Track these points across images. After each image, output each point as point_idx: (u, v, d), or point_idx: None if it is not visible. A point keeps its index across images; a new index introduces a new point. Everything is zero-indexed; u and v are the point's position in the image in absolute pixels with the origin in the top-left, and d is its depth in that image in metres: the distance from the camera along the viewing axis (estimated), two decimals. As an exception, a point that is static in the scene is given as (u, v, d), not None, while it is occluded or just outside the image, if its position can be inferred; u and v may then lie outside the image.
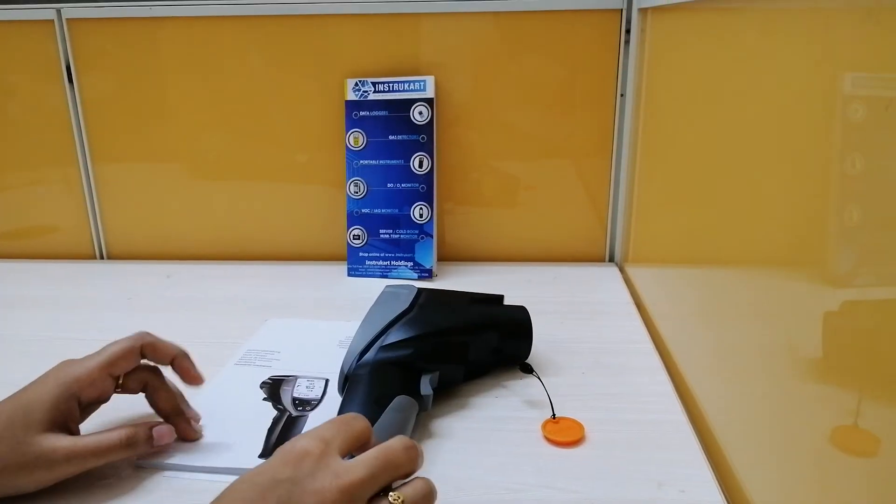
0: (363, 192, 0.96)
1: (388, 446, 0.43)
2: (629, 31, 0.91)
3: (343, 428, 0.44)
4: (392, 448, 0.43)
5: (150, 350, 0.56)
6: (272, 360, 0.72)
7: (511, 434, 0.59)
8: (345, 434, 0.43)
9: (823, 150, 0.40)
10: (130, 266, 1.03)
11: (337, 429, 0.43)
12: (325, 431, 0.43)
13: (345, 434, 0.43)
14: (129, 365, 0.55)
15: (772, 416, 0.47)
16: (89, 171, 1.03)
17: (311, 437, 0.42)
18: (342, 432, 0.43)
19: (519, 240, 1.01)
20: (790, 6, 0.47)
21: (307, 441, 0.41)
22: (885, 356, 0.34)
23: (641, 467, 0.54)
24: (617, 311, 0.84)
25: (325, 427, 0.44)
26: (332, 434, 0.43)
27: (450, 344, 0.64)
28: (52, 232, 1.07)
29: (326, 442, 0.42)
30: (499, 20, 0.93)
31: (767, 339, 0.48)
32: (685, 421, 0.61)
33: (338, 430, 0.43)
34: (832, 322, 0.39)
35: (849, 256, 0.38)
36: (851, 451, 0.37)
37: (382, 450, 0.42)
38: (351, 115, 0.95)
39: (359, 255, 0.97)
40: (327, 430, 0.43)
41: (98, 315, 0.85)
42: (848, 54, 0.38)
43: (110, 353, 0.54)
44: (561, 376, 0.68)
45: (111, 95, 1.00)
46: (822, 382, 0.41)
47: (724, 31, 0.59)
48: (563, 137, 0.97)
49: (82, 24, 0.97)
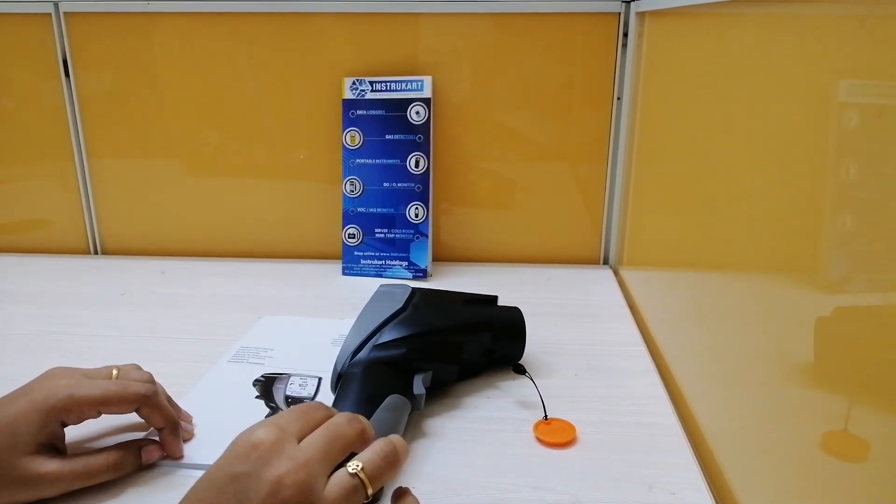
0: (359, 190, 0.96)
1: (332, 421, 0.43)
2: (626, 34, 0.91)
3: (301, 415, 0.43)
4: (336, 423, 0.43)
5: (147, 413, 0.53)
6: (265, 357, 0.72)
7: (503, 435, 0.59)
8: (303, 422, 0.42)
9: (817, 156, 0.41)
10: (124, 262, 1.03)
11: (296, 416, 0.43)
12: (282, 419, 0.42)
13: (303, 422, 0.42)
14: (120, 412, 0.53)
15: (763, 420, 0.48)
16: (84, 166, 1.03)
17: (267, 424, 0.41)
18: (300, 419, 0.42)
19: (514, 241, 1.02)
20: (786, 13, 0.47)
21: (262, 430, 0.40)
22: (876, 362, 0.34)
23: (632, 469, 0.54)
24: (610, 314, 0.84)
25: (283, 414, 0.43)
26: (288, 421, 0.42)
27: (443, 344, 0.64)
28: (46, 226, 1.07)
29: (282, 429, 0.40)
30: (497, 21, 0.93)
31: (760, 344, 0.48)
32: (677, 424, 0.61)
33: (296, 418, 0.42)
34: (824, 327, 0.40)
35: (842, 262, 0.38)
36: (842, 455, 0.37)
37: (327, 425, 0.42)
38: (348, 113, 0.95)
39: (354, 254, 0.97)
40: (284, 418, 0.42)
41: (91, 310, 0.85)
42: (842, 62, 0.39)
43: (109, 394, 0.51)
44: (553, 378, 0.68)
45: (107, 90, 0.99)
46: (813, 387, 0.41)
47: (721, 36, 0.59)
48: (559, 140, 0.97)
49: (80, 18, 0.96)
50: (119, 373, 0.55)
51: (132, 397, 0.52)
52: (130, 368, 0.56)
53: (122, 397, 0.52)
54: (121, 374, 0.55)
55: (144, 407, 0.53)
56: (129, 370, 0.56)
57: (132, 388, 0.53)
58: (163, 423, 0.54)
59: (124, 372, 0.55)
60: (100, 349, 0.74)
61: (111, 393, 0.52)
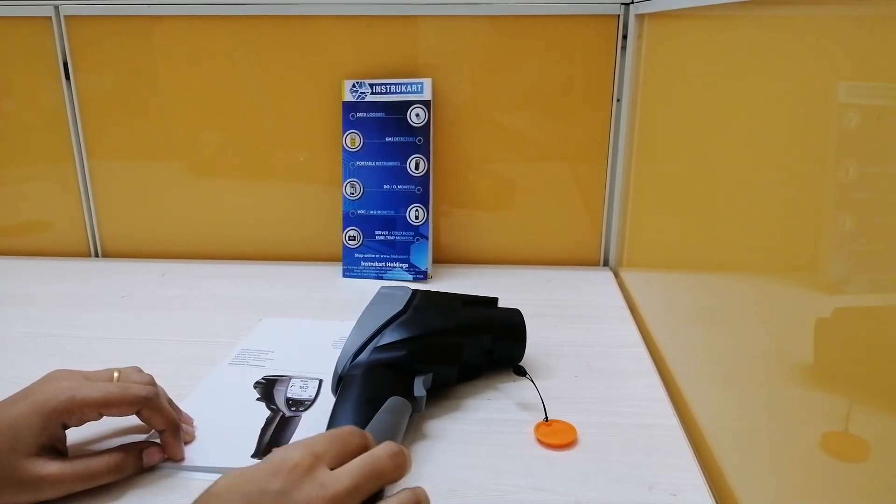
0: (359, 193, 0.96)
1: (374, 454, 0.43)
2: (626, 36, 0.91)
3: (336, 443, 0.43)
4: (378, 455, 0.43)
5: (148, 415, 0.53)
6: (266, 359, 0.72)
7: (503, 436, 0.59)
8: (337, 449, 0.43)
9: (817, 157, 0.41)
10: (125, 264, 1.03)
11: (330, 443, 0.43)
12: (318, 445, 0.42)
13: (337, 449, 0.43)
14: (121, 414, 0.53)
15: (763, 421, 0.48)
16: (85, 168, 1.03)
17: (303, 448, 0.41)
18: (335, 447, 0.43)
19: (514, 243, 1.02)
20: (785, 14, 0.47)
21: (298, 453, 0.41)
22: (876, 362, 0.34)
23: (633, 471, 0.54)
24: (611, 315, 0.84)
25: (318, 440, 0.43)
26: (323, 448, 0.42)
27: (444, 346, 0.64)
28: (46, 229, 1.07)
29: (317, 456, 0.41)
30: (497, 24, 0.93)
31: (760, 345, 0.48)
32: (677, 425, 0.61)
33: (330, 445, 0.43)
34: (824, 328, 0.40)
35: (841, 263, 0.38)
36: (842, 456, 0.38)
37: (368, 458, 0.42)
38: (348, 116, 0.95)
39: (354, 256, 0.97)
40: (320, 444, 0.42)
41: (91, 313, 0.85)
42: (842, 63, 0.39)
43: (110, 396, 0.51)
44: (554, 379, 0.68)
45: (108, 92, 0.99)
46: (813, 388, 0.41)
47: (720, 38, 0.60)
48: (559, 141, 0.97)
49: (80, 20, 0.96)
50: (120, 375, 0.55)
51: (133, 399, 0.52)
52: (131, 371, 0.56)
53: (123, 399, 0.52)
54: (122, 377, 0.55)
55: (145, 409, 0.53)
56: (130, 372, 0.56)
57: (133, 390, 0.53)
58: (164, 425, 0.54)
59: (125, 374, 0.55)
60: (100, 351, 0.74)
61: (112, 395, 0.52)
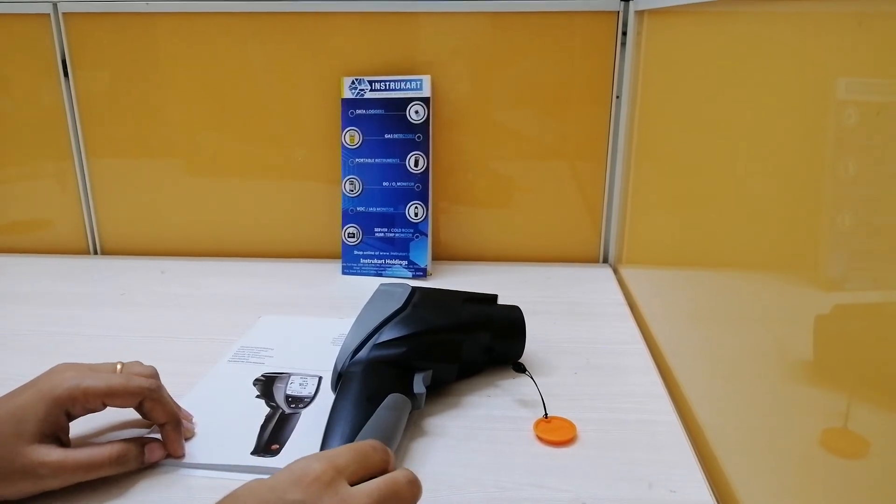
0: (358, 190, 0.96)
1: (395, 478, 0.43)
2: (625, 33, 0.91)
3: (359, 458, 0.43)
4: (399, 481, 0.43)
5: (150, 407, 0.54)
6: (265, 357, 0.72)
7: (503, 433, 0.59)
8: (359, 464, 0.43)
9: (816, 153, 0.41)
10: (124, 262, 1.03)
11: (352, 457, 0.43)
12: (340, 458, 0.42)
13: (359, 464, 0.43)
14: (124, 404, 0.54)
15: (763, 418, 0.48)
16: (84, 166, 1.03)
17: (325, 460, 0.42)
18: (356, 461, 0.43)
19: (513, 240, 1.02)
20: (784, 11, 0.47)
21: (320, 464, 0.41)
22: (875, 359, 0.34)
23: (632, 467, 0.55)
24: (610, 312, 0.84)
25: (341, 452, 0.43)
26: (345, 462, 0.42)
27: (443, 343, 0.64)
28: (45, 227, 1.07)
29: (338, 470, 0.41)
30: (496, 20, 0.93)
31: (759, 342, 0.48)
32: (677, 422, 0.61)
33: (353, 459, 0.43)
34: (823, 325, 0.40)
35: (840, 260, 0.38)
36: (841, 453, 0.38)
37: (390, 481, 0.43)
38: (347, 113, 0.95)
39: (353, 254, 0.97)
40: (342, 457, 0.43)
41: (90, 310, 0.85)
42: (841, 59, 0.39)
43: (114, 386, 0.52)
44: (553, 376, 0.68)
45: (107, 90, 0.99)
46: (812, 385, 0.41)
47: (719, 34, 0.60)
48: (558, 138, 0.97)
49: (79, 18, 0.96)
50: (123, 367, 0.56)
51: (136, 390, 0.53)
52: (134, 364, 0.57)
53: (126, 389, 0.53)
54: (125, 369, 0.56)
55: (147, 400, 0.54)
56: (133, 365, 0.57)
57: (136, 381, 0.54)
58: (165, 418, 0.55)
59: (128, 366, 0.56)
60: (99, 349, 0.74)
61: (116, 385, 0.52)
